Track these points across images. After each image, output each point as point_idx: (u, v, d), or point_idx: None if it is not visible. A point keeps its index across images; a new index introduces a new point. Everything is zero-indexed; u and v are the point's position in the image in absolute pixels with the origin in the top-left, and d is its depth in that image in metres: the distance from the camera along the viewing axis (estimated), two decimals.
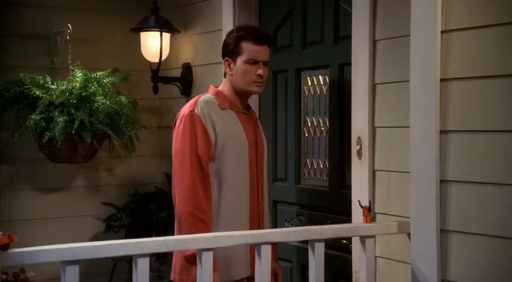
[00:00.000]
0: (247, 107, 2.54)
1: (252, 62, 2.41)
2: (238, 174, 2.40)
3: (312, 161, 2.95)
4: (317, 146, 2.92)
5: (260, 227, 2.46)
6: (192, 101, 2.43)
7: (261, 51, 2.42)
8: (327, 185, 2.83)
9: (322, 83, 2.91)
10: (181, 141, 2.35)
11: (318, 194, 2.88)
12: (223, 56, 2.47)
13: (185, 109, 2.40)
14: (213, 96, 2.45)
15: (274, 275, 2.52)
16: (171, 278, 2.44)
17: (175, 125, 2.43)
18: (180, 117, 2.39)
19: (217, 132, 2.36)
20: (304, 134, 2.99)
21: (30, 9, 3.54)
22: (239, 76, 2.43)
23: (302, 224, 2.94)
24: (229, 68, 2.45)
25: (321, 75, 2.90)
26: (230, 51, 2.44)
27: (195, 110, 2.36)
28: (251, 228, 2.42)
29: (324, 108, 2.88)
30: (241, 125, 2.44)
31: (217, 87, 2.51)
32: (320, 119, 2.90)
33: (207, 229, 2.29)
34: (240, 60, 2.42)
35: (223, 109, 2.41)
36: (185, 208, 2.31)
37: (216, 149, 2.36)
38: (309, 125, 2.97)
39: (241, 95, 2.49)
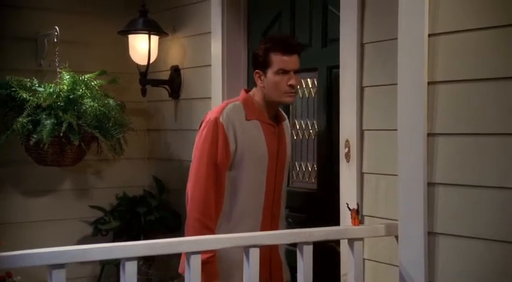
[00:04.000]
0: (276, 117, 2.54)
1: (282, 72, 2.43)
2: (254, 184, 2.43)
3: (301, 164, 2.95)
4: (305, 148, 2.93)
5: None
6: (219, 107, 2.46)
7: (290, 61, 2.44)
8: (315, 188, 2.83)
9: (310, 86, 2.91)
10: (201, 146, 2.39)
11: (307, 197, 2.88)
12: (254, 68, 2.49)
13: (211, 114, 2.43)
14: (241, 105, 2.46)
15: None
16: (179, 270, 2.47)
17: (199, 128, 2.45)
18: (205, 122, 2.42)
19: (238, 142, 2.39)
20: (293, 137, 2.99)
21: (18, 11, 3.52)
22: (272, 88, 2.45)
23: (291, 226, 2.94)
24: (261, 79, 2.47)
25: (309, 78, 2.91)
26: (260, 63, 2.46)
27: (220, 118, 2.39)
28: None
29: (312, 111, 2.88)
30: (264, 136, 2.46)
31: (247, 92, 2.52)
32: (309, 122, 2.91)
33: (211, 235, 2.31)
34: (270, 72, 2.44)
35: (248, 120, 2.44)
36: (194, 214, 2.36)
37: (235, 158, 2.39)
38: (298, 127, 2.97)
39: (272, 105, 2.51)
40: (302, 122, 2.94)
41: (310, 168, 2.89)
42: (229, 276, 2.38)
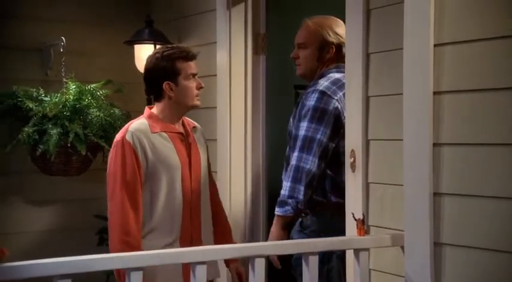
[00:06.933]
0: (184, 126, 2.58)
1: (192, 76, 2.52)
2: (170, 194, 2.46)
3: None
4: None
5: (194, 240, 2.49)
6: (124, 128, 2.51)
7: (194, 66, 2.54)
8: None
9: None
10: (112, 168, 2.44)
11: None
12: (161, 81, 2.50)
13: (118, 136, 2.49)
14: (145, 121, 2.51)
15: (238, 274, 2.63)
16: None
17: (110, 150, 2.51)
18: (113, 144, 2.48)
19: (148, 156, 2.44)
20: None
21: (23, 22, 3.54)
22: (185, 94, 2.51)
23: None
24: (172, 90, 2.50)
25: None
26: (168, 74, 2.49)
27: (126, 137, 2.44)
28: (182, 242, 2.47)
29: None
30: (174, 145, 2.50)
31: (151, 108, 2.57)
32: None
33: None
34: (181, 79, 2.50)
35: (154, 133, 2.48)
36: (115, 234, 2.39)
37: (148, 172, 2.44)
38: None
39: (180, 114, 2.56)
40: None
41: None
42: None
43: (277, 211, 2.67)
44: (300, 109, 2.73)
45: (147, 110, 2.58)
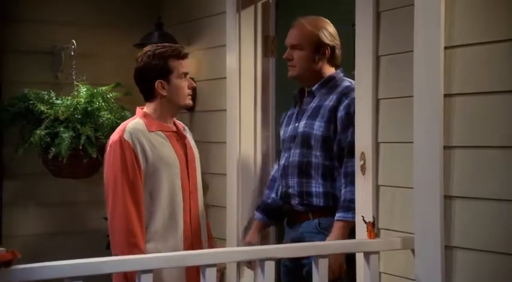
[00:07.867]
0: (175, 124, 2.59)
1: (184, 75, 2.51)
2: (171, 192, 2.46)
3: None
4: None
5: (193, 241, 2.50)
6: (120, 127, 2.49)
7: (187, 65, 2.54)
8: None
9: None
10: (112, 168, 2.42)
11: None
12: (153, 80, 2.49)
13: (114, 136, 2.46)
14: (140, 121, 2.49)
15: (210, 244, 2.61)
16: None
17: (105, 151, 2.48)
18: (109, 144, 2.45)
19: (147, 155, 2.42)
20: None
21: (34, 25, 3.56)
22: (177, 93, 2.51)
23: None
24: (164, 89, 2.49)
25: None
26: (160, 72, 2.48)
27: (124, 136, 2.41)
28: (185, 242, 2.47)
29: None
30: (171, 144, 2.50)
31: (142, 109, 2.56)
32: None
33: (141, 254, 2.32)
34: (173, 78, 2.49)
35: (151, 131, 2.46)
36: (121, 236, 2.37)
37: (148, 171, 2.42)
38: None
39: (173, 113, 2.56)
40: None
41: None
42: None
43: (352, 217, 2.50)
44: (345, 117, 2.63)
45: (139, 110, 2.57)
